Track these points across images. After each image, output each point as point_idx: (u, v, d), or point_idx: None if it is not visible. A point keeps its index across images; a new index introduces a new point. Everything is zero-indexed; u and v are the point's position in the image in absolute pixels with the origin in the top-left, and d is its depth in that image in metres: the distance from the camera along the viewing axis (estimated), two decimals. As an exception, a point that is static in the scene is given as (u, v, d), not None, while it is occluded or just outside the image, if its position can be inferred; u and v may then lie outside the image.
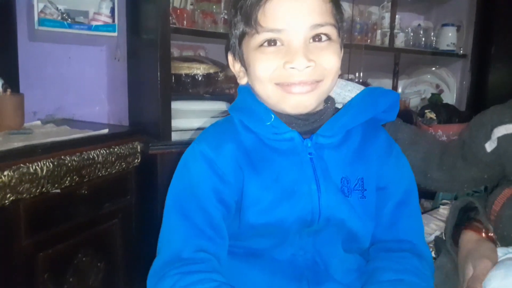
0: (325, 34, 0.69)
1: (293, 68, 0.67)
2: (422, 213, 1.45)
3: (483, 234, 0.84)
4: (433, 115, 2.15)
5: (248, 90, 0.76)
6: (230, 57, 0.78)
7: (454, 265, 0.87)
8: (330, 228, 0.71)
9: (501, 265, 0.72)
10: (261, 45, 0.69)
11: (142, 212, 1.50)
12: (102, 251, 1.38)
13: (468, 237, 0.84)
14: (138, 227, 1.50)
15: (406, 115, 2.15)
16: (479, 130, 0.93)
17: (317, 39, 0.69)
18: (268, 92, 0.71)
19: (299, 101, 0.70)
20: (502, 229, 0.82)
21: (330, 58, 0.69)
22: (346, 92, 0.79)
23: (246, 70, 0.74)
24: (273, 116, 0.72)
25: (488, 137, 0.90)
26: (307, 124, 0.73)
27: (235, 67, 0.78)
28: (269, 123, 0.72)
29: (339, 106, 0.80)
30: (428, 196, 1.85)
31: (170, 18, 1.51)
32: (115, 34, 1.60)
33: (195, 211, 0.69)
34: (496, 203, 0.85)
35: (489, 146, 0.90)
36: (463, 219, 0.89)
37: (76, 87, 1.64)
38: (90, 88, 1.67)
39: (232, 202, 0.71)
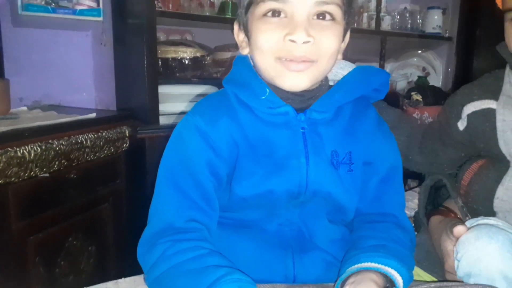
0: (329, 13, 0.70)
1: (292, 41, 0.67)
2: (407, 190, 1.49)
3: (452, 216, 0.87)
4: (419, 97, 2.18)
5: (244, 61, 0.78)
6: (235, 27, 0.79)
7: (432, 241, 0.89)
8: (316, 200, 0.74)
9: (472, 229, 0.75)
10: (265, 14, 0.70)
11: (132, 196, 1.51)
12: (93, 235, 1.40)
13: (436, 220, 0.87)
14: (129, 211, 1.52)
15: (393, 98, 2.18)
16: (451, 110, 0.95)
17: (320, 17, 0.69)
18: (267, 65, 0.72)
19: (294, 81, 0.71)
20: (472, 203, 0.85)
21: (329, 38, 0.70)
22: (338, 69, 0.81)
23: (249, 40, 0.75)
24: (268, 90, 0.73)
25: (459, 116, 0.93)
26: (303, 101, 0.75)
27: (239, 36, 0.78)
28: (264, 97, 0.73)
29: (331, 83, 0.81)
30: (413, 176, 1.89)
31: (156, 1, 1.51)
32: (100, 18, 1.59)
33: (188, 183, 0.70)
34: (464, 178, 0.88)
35: (461, 125, 0.92)
36: (435, 197, 0.92)
37: (62, 73, 1.63)
38: (76, 74, 1.66)
39: (224, 175, 0.73)
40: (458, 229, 0.77)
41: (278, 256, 0.74)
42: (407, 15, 2.44)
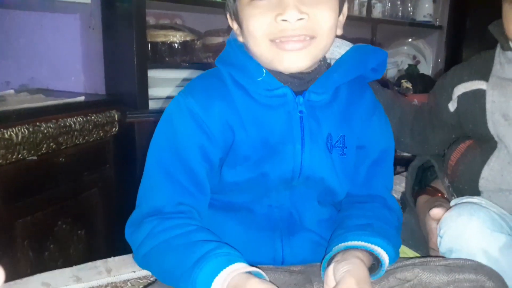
0: None
1: (284, 20, 0.65)
2: (395, 174, 1.51)
3: (439, 195, 0.89)
4: (409, 85, 2.19)
5: (238, 43, 0.75)
6: (228, 15, 0.76)
7: (418, 220, 0.91)
8: (308, 184, 0.74)
9: (455, 207, 0.76)
10: None
11: (121, 181, 1.50)
12: (83, 219, 1.39)
13: (423, 199, 0.88)
14: (118, 196, 1.51)
15: (382, 85, 2.19)
16: (442, 92, 0.96)
17: None
18: (262, 49, 0.69)
19: (292, 61, 0.68)
20: (458, 182, 0.87)
21: (325, 12, 0.67)
22: (335, 47, 0.79)
23: (241, 27, 0.72)
24: (264, 71, 0.71)
25: (449, 98, 0.93)
26: (302, 84, 0.73)
27: (233, 24, 0.76)
28: (260, 78, 0.71)
29: (328, 61, 0.80)
30: (402, 163, 1.91)
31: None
32: (89, 1, 1.55)
33: (178, 167, 0.69)
34: (451, 158, 0.89)
35: (452, 106, 0.93)
36: (423, 178, 0.93)
37: (50, 56, 1.60)
38: (64, 58, 1.63)
39: (216, 159, 0.72)
40: (434, 211, 0.78)
41: (266, 238, 0.74)
42: (398, 2, 2.45)
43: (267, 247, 0.74)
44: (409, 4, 2.48)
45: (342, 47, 0.79)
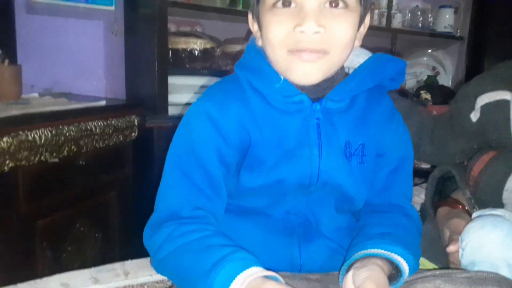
0: (342, 1, 0.67)
1: (302, 32, 0.65)
2: (414, 185, 1.49)
3: (460, 207, 0.87)
4: (428, 96, 2.17)
5: (258, 49, 0.75)
6: (250, 16, 0.77)
7: (438, 231, 0.90)
8: (326, 190, 0.73)
9: (477, 219, 0.75)
10: (275, 5, 0.67)
11: (139, 185, 1.52)
12: (100, 222, 1.41)
13: (444, 211, 0.87)
14: (135, 200, 1.53)
15: (401, 95, 2.17)
16: (464, 101, 0.95)
17: (333, 5, 0.67)
18: (278, 58, 0.69)
19: (306, 72, 0.68)
20: (480, 194, 0.85)
21: (342, 26, 0.67)
22: (354, 56, 0.79)
23: (261, 32, 0.72)
24: (282, 78, 0.71)
25: (472, 107, 0.92)
26: (319, 91, 0.73)
27: (254, 27, 0.76)
28: (278, 85, 0.71)
29: (347, 70, 0.80)
30: (420, 175, 1.89)
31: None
32: (113, 8, 1.60)
33: (195, 170, 0.69)
34: (474, 169, 0.88)
35: (474, 116, 0.91)
36: (443, 188, 0.92)
37: (73, 61, 1.64)
38: (87, 62, 1.67)
39: (233, 163, 0.72)
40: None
41: (284, 243, 0.74)
42: (418, 13, 2.43)
43: (285, 252, 0.74)
44: (430, 15, 2.46)
45: (361, 56, 0.79)
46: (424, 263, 0.88)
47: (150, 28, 1.51)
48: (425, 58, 2.62)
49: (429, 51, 2.60)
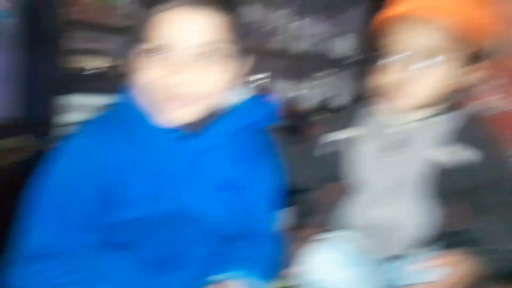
0: (214, 51, 0.70)
1: (173, 83, 0.69)
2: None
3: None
4: (324, 117, 2.34)
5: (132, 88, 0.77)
6: (128, 57, 0.79)
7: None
8: (195, 223, 0.78)
9: (311, 243, 0.86)
10: (147, 52, 0.70)
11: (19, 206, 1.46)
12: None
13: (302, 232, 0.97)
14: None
15: (296, 118, 2.31)
16: (317, 136, 1.00)
17: (205, 56, 0.70)
18: (148, 103, 0.73)
19: (178, 117, 0.72)
20: (325, 219, 0.96)
21: (214, 75, 0.72)
22: (233, 94, 0.82)
23: (136, 73, 0.74)
24: (155, 118, 0.73)
25: (324, 142, 0.98)
26: (194, 127, 0.76)
27: (131, 66, 0.78)
28: (150, 124, 0.74)
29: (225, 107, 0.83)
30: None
31: (69, 9, 1.48)
32: (9, 21, 1.52)
33: (69, 204, 0.72)
34: (321, 197, 0.99)
35: (323, 150, 0.98)
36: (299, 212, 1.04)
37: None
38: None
39: (109, 197, 0.74)
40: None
41: (151, 276, 0.78)
42: (321, 38, 2.59)
43: (152, 285, 0.77)
44: (331, 40, 2.63)
45: (240, 94, 0.83)
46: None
47: (47, 46, 1.47)
48: (325, 80, 2.80)
49: (328, 74, 2.78)
